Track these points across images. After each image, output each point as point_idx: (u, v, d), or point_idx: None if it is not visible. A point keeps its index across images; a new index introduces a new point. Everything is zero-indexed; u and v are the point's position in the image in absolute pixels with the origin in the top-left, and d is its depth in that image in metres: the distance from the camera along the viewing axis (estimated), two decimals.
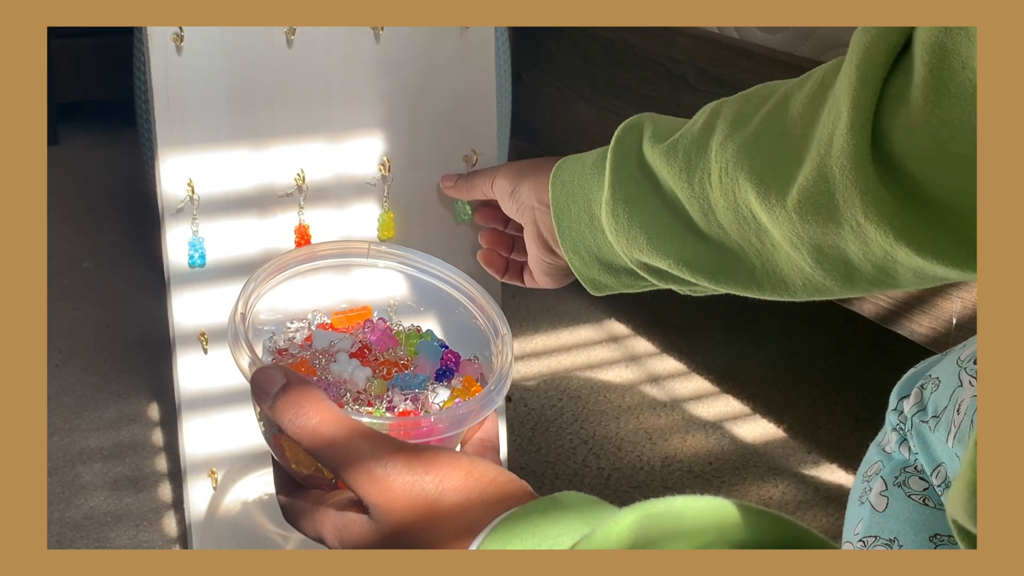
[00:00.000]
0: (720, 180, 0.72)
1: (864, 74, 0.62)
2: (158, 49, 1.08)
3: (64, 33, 2.72)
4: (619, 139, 0.82)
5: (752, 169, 0.70)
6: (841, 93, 0.64)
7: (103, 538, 1.45)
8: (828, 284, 0.71)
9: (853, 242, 0.66)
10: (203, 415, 1.20)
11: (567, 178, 0.86)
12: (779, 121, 0.70)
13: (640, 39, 1.72)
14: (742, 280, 0.76)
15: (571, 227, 0.86)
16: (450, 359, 0.69)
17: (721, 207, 0.73)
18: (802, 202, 0.66)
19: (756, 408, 1.78)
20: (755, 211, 0.71)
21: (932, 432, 0.81)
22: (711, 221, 0.75)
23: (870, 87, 0.62)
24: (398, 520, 0.53)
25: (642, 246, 0.79)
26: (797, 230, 0.68)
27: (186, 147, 1.12)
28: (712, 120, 0.75)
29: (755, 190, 0.70)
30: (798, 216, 0.67)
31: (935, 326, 1.27)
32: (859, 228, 0.64)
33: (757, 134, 0.71)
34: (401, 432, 0.59)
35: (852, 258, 0.68)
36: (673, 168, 0.76)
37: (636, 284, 0.86)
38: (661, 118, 0.82)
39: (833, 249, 0.68)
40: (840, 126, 0.63)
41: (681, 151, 0.76)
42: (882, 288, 0.70)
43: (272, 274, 0.69)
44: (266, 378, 0.58)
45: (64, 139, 2.87)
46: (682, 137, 0.77)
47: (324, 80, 1.15)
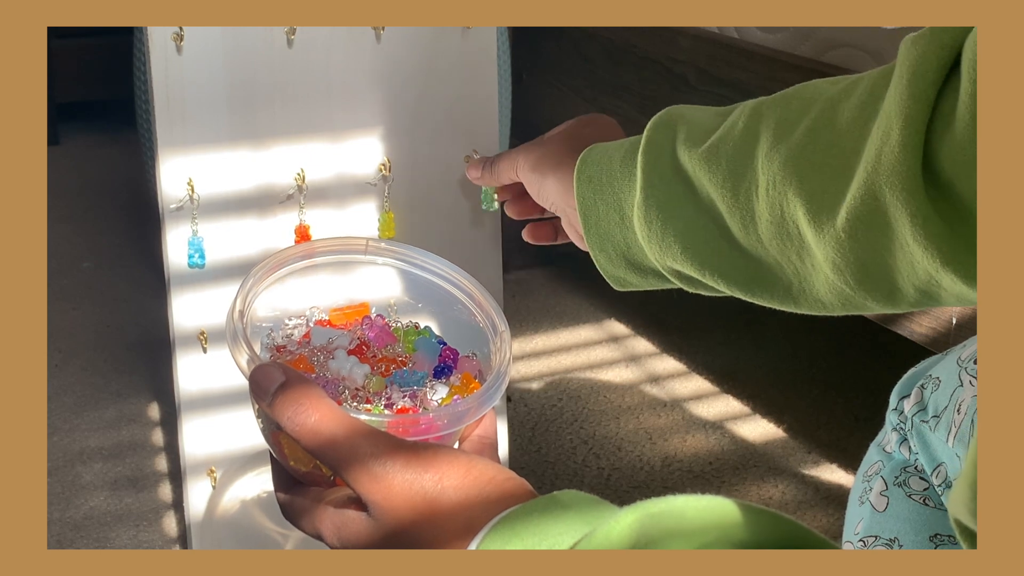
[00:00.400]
0: (767, 192, 0.70)
1: (916, 91, 0.60)
2: (158, 49, 1.08)
3: (64, 33, 2.72)
4: (650, 139, 0.78)
5: (802, 183, 0.68)
6: (892, 109, 0.62)
7: (103, 538, 1.45)
8: (869, 304, 0.70)
9: (900, 263, 0.64)
10: (203, 415, 1.20)
11: (594, 174, 0.82)
12: (827, 131, 0.68)
13: (640, 39, 1.72)
14: (778, 295, 0.74)
15: (599, 225, 0.82)
16: (448, 356, 0.69)
17: (765, 220, 0.71)
18: (851, 221, 0.64)
19: (756, 408, 1.78)
20: (802, 228, 0.68)
21: (932, 432, 0.81)
22: (751, 233, 0.72)
23: (922, 105, 0.60)
24: (397, 518, 0.53)
25: (676, 255, 0.76)
26: (843, 251, 0.66)
27: (186, 147, 1.12)
28: (754, 125, 0.72)
29: (805, 207, 0.67)
30: (846, 236, 0.65)
31: (935, 326, 1.27)
32: (907, 249, 0.63)
33: (805, 144, 0.68)
34: (400, 429, 0.59)
35: (897, 279, 0.66)
36: (715, 176, 0.73)
37: (662, 284, 0.83)
38: (692, 115, 0.78)
39: (879, 269, 0.66)
40: (891, 143, 0.61)
41: (724, 159, 0.73)
42: (922, 307, 0.69)
43: (270, 271, 0.69)
44: (265, 376, 0.58)
45: (64, 139, 2.87)
46: (722, 142, 0.73)
47: (324, 80, 1.15)
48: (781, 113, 0.71)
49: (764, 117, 0.72)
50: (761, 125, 0.72)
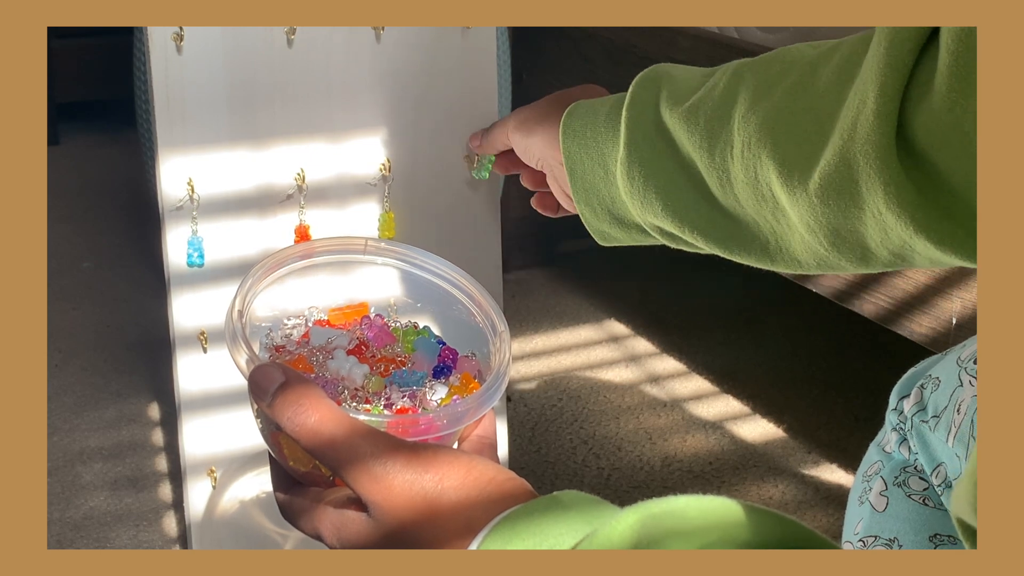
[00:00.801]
0: (742, 154, 0.71)
1: (893, 59, 0.61)
2: (158, 49, 1.08)
3: (64, 33, 2.72)
4: (634, 96, 0.79)
5: (775, 147, 0.69)
6: (868, 77, 0.62)
7: (103, 538, 1.45)
8: (843, 264, 0.71)
9: (872, 229, 0.65)
10: (203, 415, 1.20)
11: (579, 128, 0.84)
12: (804, 95, 0.68)
13: (640, 39, 1.72)
14: (755, 252, 0.75)
15: (584, 178, 0.84)
16: (448, 356, 0.69)
17: (740, 181, 0.72)
18: (824, 187, 0.65)
19: (756, 408, 1.78)
20: (775, 190, 0.70)
21: (932, 432, 0.81)
22: (728, 193, 0.74)
23: (899, 73, 0.61)
24: (397, 518, 0.53)
25: (656, 211, 0.78)
26: (816, 214, 0.67)
27: (186, 147, 1.12)
28: (734, 86, 0.73)
29: (777, 170, 0.68)
30: (819, 200, 0.66)
31: (935, 326, 1.27)
32: (879, 216, 0.63)
33: (781, 108, 0.69)
34: (399, 429, 0.59)
35: (870, 243, 0.67)
36: (693, 136, 0.74)
37: (645, 240, 0.85)
38: (676, 73, 0.80)
39: (851, 234, 0.67)
40: (866, 112, 0.62)
41: (702, 118, 0.74)
42: (896, 268, 0.70)
43: (269, 271, 0.69)
44: (264, 376, 0.57)
45: (64, 139, 2.87)
46: (702, 102, 0.75)
47: (324, 80, 1.15)
48: (761, 75, 0.72)
49: (744, 79, 0.73)
50: (741, 86, 0.73)
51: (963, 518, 0.45)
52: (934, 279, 1.27)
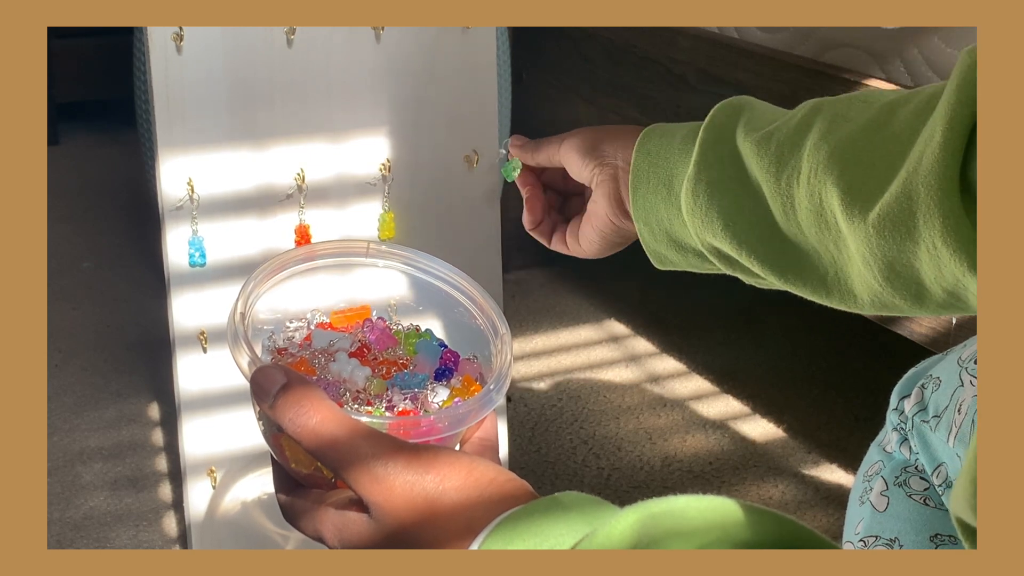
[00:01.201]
0: (808, 180, 0.71)
1: (963, 96, 0.61)
2: (158, 49, 1.08)
3: (64, 33, 2.72)
4: (713, 119, 0.79)
5: (842, 175, 0.68)
6: (939, 113, 0.62)
7: (103, 538, 1.45)
8: (897, 302, 0.70)
9: (927, 264, 0.65)
10: (203, 415, 1.20)
11: (653, 148, 0.83)
12: (880, 131, 0.69)
13: (640, 39, 1.72)
14: (811, 284, 0.75)
15: (646, 197, 0.83)
16: (449, 358, 0.69)
17: (804, 207, 0.72)
18: (882, 217, 0.65)
19: (756, 408, 1.78)
20: (838, 218, 0.69)
21: (933, 432, 0.81)
22: (791, 219, 0.73)
23: (966, 109, 0.61)
24: (398, 519, 0.53)
25: (716, 231, 0.78)
26: (872, 245, 0.67)
27: (186, 147, 1.12)
28: (811, 118, 0.74)
29: (840, 197, 0.68)
30: (875, 231, 0.66)
31: (935, 326, 1.27)
32: (935, 251, 0.63)
33: (855, 139, 0.69)
34: (400, 431, 0.59)
35: (924, 280, 0.67)
36: (763, 160, 0.74)
37: (702, 266, 0.85)
38: (761, 105, 0.80)
39: (906, 269, 0.67)
40: (932, 145, 0.62)
41: (774, 144, 0.74)
42: (953, 312, 0.69)
43: (271, 274, 0.69)
44: (266, 377, 0.58)
45: (64, 139, 2.87)
46: (777, 130, 0.75)
47: (324, 80, 1.15)
48: (839, 110, 0.73)
49: (822, 111, 0.73)
50: (817, 118, 0.73)
51: (962, 517, 0.45)
52: None
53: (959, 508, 0.45)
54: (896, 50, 1.28)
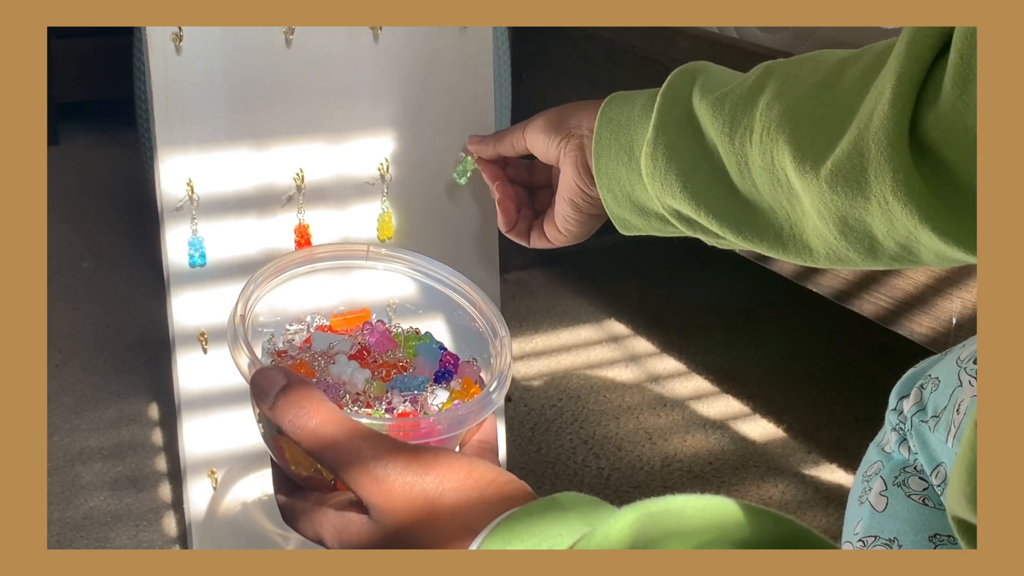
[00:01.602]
0: (760, 139, 0.73)
1: (912, 53, 0.62)
2: (157, 49, 1.08)
3: (64, 33, 2.72)
4: (670, 84, 0.82)
5: (793, 133, 0.70)
6: (888, 70, 0.64)
7: (103, 538, 1.45)
8: (851, 255, 0.72)
9: (879, 218, 0.66)
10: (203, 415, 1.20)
11: (614, 115, 0.86)
12: (829, 89, 0.70)
13: (640, 39, 1.72)
14: (768, 239, 0.77)
15: (608, 164, 0.85)
16: (449, 361, 0.69)
17: (757, 166, 0.74)
18: (834, 173, 0.67)
19: (756, 408, 1.78)
20: (789, 175, 0.71)
21: (932, 432, 0.81)
22: (745, 178, 0.75)
23: (916, 66, 0.62)
24: (398, 520, 0.53)
25: (675, 192, 0.79)
26: (826, 200, 0.69)
27: (185, 147, 1.12)
28: (764, 79, 0.76)
29: (792, 154, 0.70)
30: (828, 186, 0.68)
31: (935, 326, 1.27)
32: (886, 205, 0.65)
33: (805, 98, 0.71)
34: (400, 433, 0.59)
35: (876, 233, 0.68)
36: (717, 121, 0.76)
37: (664, 229, 0.86)
38: (717, 69, 0.82)
39: (859, 223, 0.68)
40: (882, 101, 0.63)
41: (728, 105, 0.76)
42: (905, 264, 0.71)
43: (271, 276, 0.69)
44: (266, 379, 0.58)
45: (64, 139, 2.87)
46: (732, 91, 0.77)
47: (323, 80, 1.15)
48: (791, 70, 0.75)
49: (774, 72, 0.75)
50: (770, 79, 0.75)
51: (958, 514, 0.45)
52: (934, 279, 1.27)
53: (954, 505, 0.45)
54: None
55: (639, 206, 0.85)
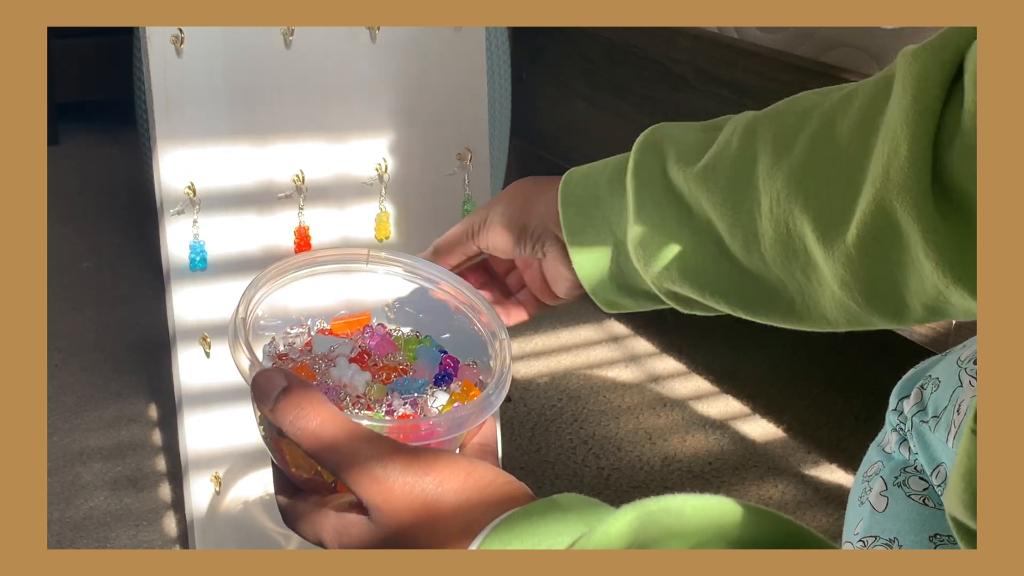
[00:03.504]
0: (771, 211, 0.69)
1: (922, 106, 0.60)
2: (157, 50, 1.08)
3: (64, 33, 2.72)
4: (638, 162, 0.75)
5: (808, 200, 0.67)
6: (898, 124, 0.61)
7: (103, 538, 1.45)
8: (875, 320, 0.69)
9: (911, 279, 0.64)
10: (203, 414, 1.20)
11: (580, 197, 0.79)
12: (827, 146, 0.67)
13: (640, 39, 1.72)
14: (780, 313, 0.74)
15: (587, 250, 0.79)
16: (449, 364, 0.69)
17: (769, 238, 0.70)
18: (862, 237, 0.64)
19: (756, 408, 1.78)
20: (809, 244, 0.68)
21: (932, 432, 0.81)
22: (752, 253, 0.71)
23: (929, 118, 0.60)
24: (398, 521, 0.53)
25: (674, 277, 0.75)
26: (854, 267, 0.66)
27: (185, 147, 1.12)
28: (750, 142, 0.71)
29: (812, 223, 0.67)
30: (857, 252, 0.65)
31: (935, 326, 1.27)
32: (918, 265, 0.62)
33: (806, 160, 0.68)
34: (400, 435, 0.59)
35: (906, 296, 0.66)
36: (714, 196, 0.72)
37: (656, 306, 0.81)
38: (678, 134, 0.76)
39: (889, 286, 0.66)
40: (899, 158, 0.61)
41: (723, 178, 0.71)
42: (928, 322, 0.68)
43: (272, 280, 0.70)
44: (267, 381, 0.58)
45: (64, 139, 2.87)
46: (718, 161, 0.72)
47: (322, 80, 1.15)
48: (777, 129, 0.70)
49: (759, 134, 0.71)
50: (757, 142, 0.70)
51: (956, 516, 0.45)
52: None
53: (953, 508, 0.45)
54: (896, 50, 1.28)
55: (627, 288, 0.79)
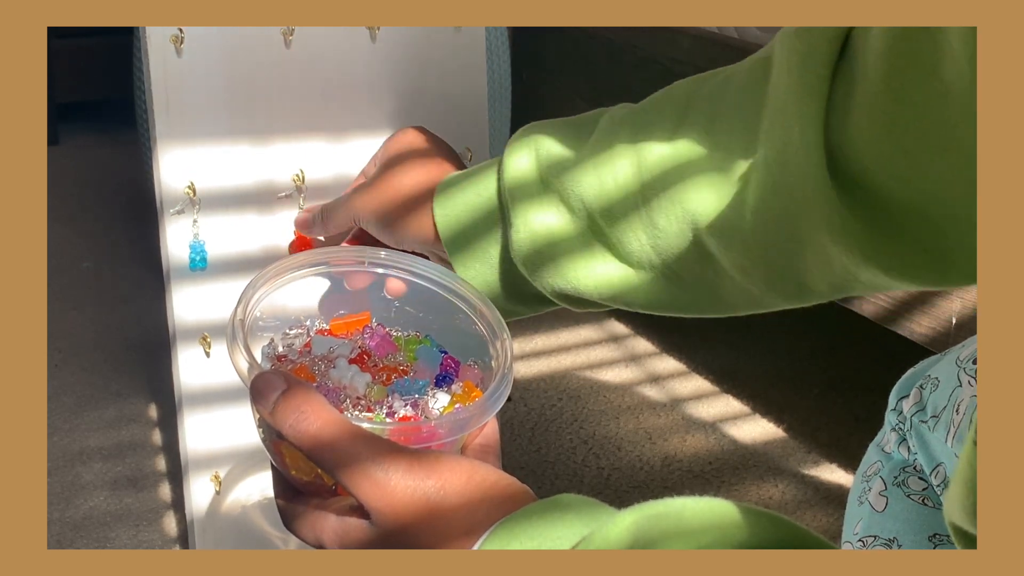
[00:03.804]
0: (659, 205, 0.68)
1: (810, 88, 0.59)
2: (157, 50, 1.08)
3: (64, 33, 2.72)
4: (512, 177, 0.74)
5: (693, 193, 0.66)
6: (786, 109, 0.61)
7: (103, 538, 1.45)
8: (779, 303, 0.68)
9: (814, 263, 0.63)
10: (203, 414, 1.20)
11: (458, 223, 0.77)
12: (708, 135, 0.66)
13: (640, 39, 1.72)
14: (677, 306, 0.72)
15: (473, 268, 0.77)
16: (450, 364, 0.69)
17: (662, 233, 0.69)
18: (759, 225, 0.63)
19: (756, 408, 1.78)
20: (703, 238, 0.67)
21: (931, 432, 0.81)
22: (644, 249, 0.70)
23: (818, 103, 0.59)
24: (400, 524, 0.53)
25: (568, 281, 0.73)
26: (752, 256, 0.65)
27: (185, 148, 1.12)
28: (623, 135, 0.70)
29: (702, 215, 0.66)
30: (755, 241, 0.64)
31: (935, 326, 1.27)
32: (823, 251, 0.61)
33: (689, 151, 0.67)
34: (401, 437, 0.59)
35: (809, 280, 0.65)
36: (596, 198, 0.71)
37: (549, 308, 0.79)
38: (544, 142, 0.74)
39: (791, 272, 0.65)
40: (792, 145, 0.60)
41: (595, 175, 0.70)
42: (831, 299, 0.67)
43: (270, 280, 0.70)
44: (266, 383, 0.58)
45: (64, 139, 2.87)
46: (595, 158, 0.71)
47: (321, 80, 1.15)
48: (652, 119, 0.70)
49: (633, 126, 0.71)
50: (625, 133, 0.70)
51: (956, 523, 0.45)
52: None
53: (953, 514, 0.45)
54: None
55: (518, 296, 0.78)
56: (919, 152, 0.56)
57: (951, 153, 0.55)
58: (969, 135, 0.53)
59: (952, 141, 0.55)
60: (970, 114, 0.53)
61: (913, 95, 0.56)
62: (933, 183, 0.57)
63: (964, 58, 0.52)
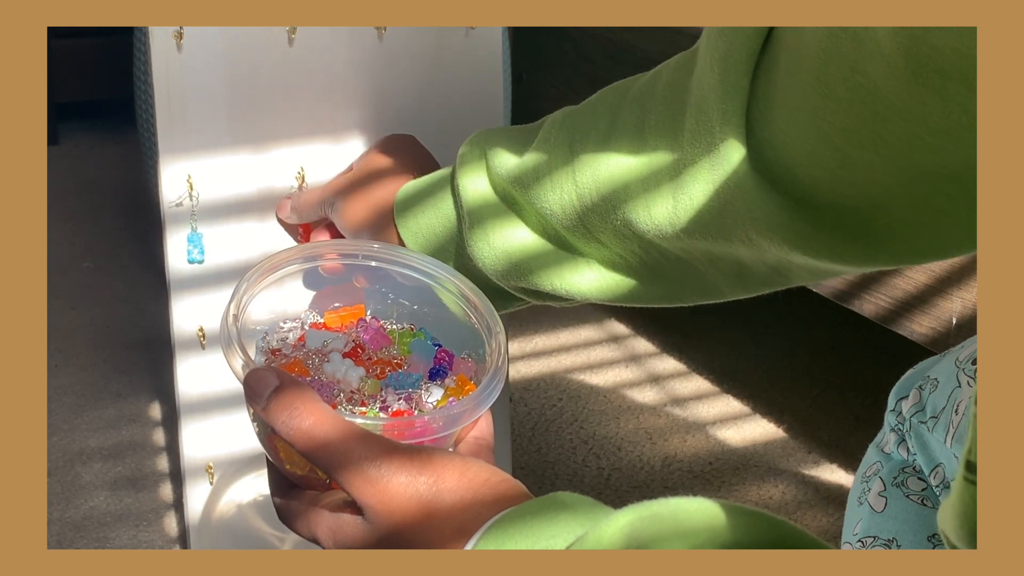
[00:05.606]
0: (599, 204, 0.70)
1: (731, 85, 0.61)
2: (159, 49, 1.08)
3: (64, 33, 2.72)
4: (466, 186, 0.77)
5: (628, 194, 0.68)
6: (707, 107, 0.62)
7: (103, 538, 1.45)
8: (724, 291, 0.70)
9: (746, 252, 0.65)
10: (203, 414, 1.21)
11: (421, 228, 0.80)
12: (638, 135, 0.68)
13: (640, 39, 1.72)
14: (635, 296, 0.74)
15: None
16: (444, 358, 0.69)
17: (605, 227, 0.71)
18: (691, 223, 0.65)
19: (756, 408, 1.78)
20: (641, 231, 0.69)
21: (930, 433, 0.81)
22: (591, 243, 0.72)
23: (739, 100, 0.61)
24: (393, 521, 0.53)
25: (527, 279, 0.76)
26: (688, 251, 0.67)
27: (187, 147, 1.12)
28: (564, 138, 0.72)
29: (636, 211, 0.68)
30: (686, 235, 0.66)
31: (935, 326, 1.27)
32: (751, 241, 0.63)
33: (625, 147, 0.69)
34: (395, 432, 0.59)
35: (745, 261, 0.66)
36: (543, 196, 0.73)
37: (511, 305, 0.82)
38: (496, 151, 0.77)
39: (727, 264, 0.67)
40: (714, 143, 0.61)
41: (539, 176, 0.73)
42: (775, 287, 0.70)
43: (264, 274, 0.70)
44: (259, 380, 0.58)
45: (64, 139, 2.87)
46: (537, 160, 0.73)
47: (326, 80, 1.15)
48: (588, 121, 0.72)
49: (571, 128, 0.73)
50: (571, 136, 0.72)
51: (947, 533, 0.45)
52: (934, 279, 1.27)
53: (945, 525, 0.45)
54: None
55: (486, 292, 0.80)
56: (847, 147, 0.58)
57: (880, 146, 0.56)
58: (899, 128, 0.54)
59: (880, 135, 0.56)
60: (899, 108, 0.54)
61: (839, 91, 0.57)
62: (861, 174, 0.58)
63: (896, 53, 0.53)
